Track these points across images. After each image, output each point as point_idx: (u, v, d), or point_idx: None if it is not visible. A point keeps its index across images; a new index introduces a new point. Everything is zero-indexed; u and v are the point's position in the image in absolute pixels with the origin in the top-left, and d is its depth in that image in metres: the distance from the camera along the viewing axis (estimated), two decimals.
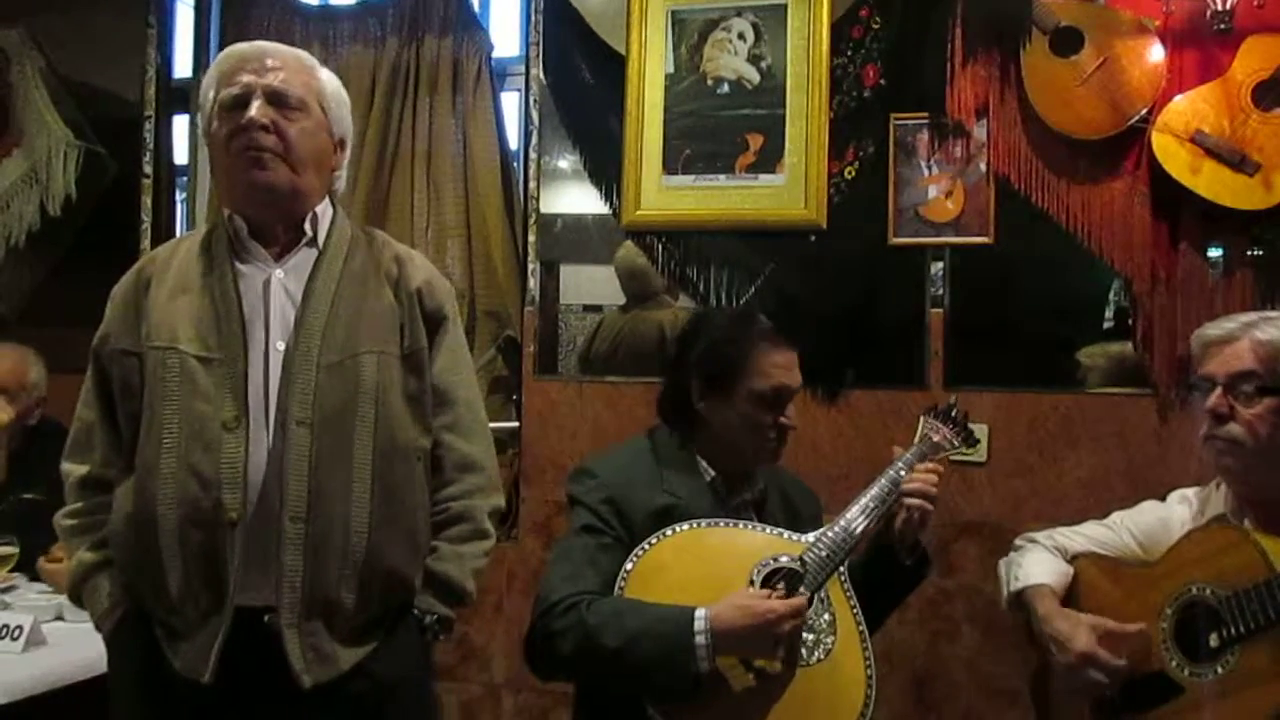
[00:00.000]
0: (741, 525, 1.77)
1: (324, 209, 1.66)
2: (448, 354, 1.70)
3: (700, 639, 1.56)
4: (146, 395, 1.54)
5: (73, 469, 1.63)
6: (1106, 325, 2.59)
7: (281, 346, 1.55)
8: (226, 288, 1.56)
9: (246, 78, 1.58)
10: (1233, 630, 1.55)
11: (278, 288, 1.58)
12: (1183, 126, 2.38)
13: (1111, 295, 2.57)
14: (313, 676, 1.49)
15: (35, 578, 2.40)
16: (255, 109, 1.55)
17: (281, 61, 1.62)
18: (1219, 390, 1.67)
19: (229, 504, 1.47)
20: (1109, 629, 1.66)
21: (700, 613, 1.58)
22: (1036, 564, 1.84)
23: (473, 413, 1.73)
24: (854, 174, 2.71)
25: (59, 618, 2.14)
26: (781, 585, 1.67)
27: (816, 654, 1.65)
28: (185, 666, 1.48)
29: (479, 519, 1.68)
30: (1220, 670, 1.56)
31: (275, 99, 1.58)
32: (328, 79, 1.69)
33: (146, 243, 3.31)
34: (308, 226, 1.63)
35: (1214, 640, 1.58)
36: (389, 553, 1.56)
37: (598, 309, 2.97)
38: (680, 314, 2.81)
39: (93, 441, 1.62)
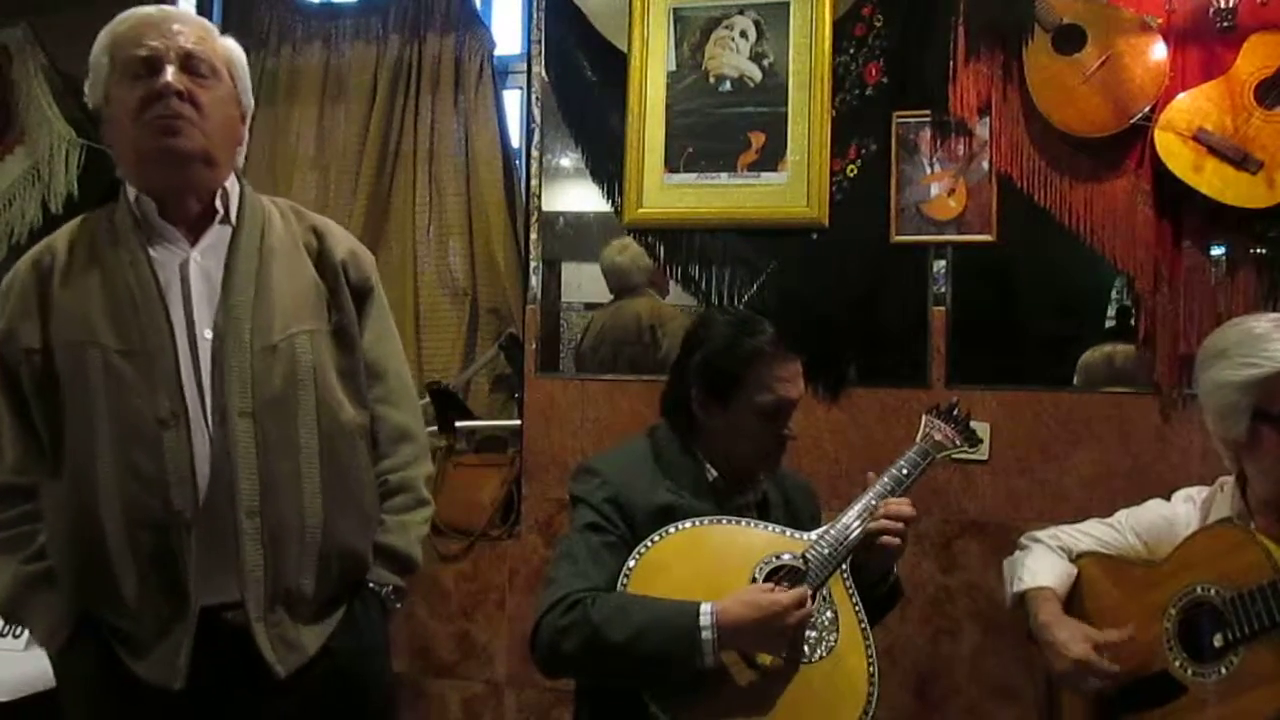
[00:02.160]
0: (743, 523, 1.77)
1: (232, 184, 1.57)
2: (376, 325, 1.66)
3: (706, 633, 1.56)
4: (66, 395, 1.44)
5: None
6: (1109, 324, 2.59)
7: (209, 334, 1.47)
8: (142, 274, 1.46)
9: (154, 41, 1.48)
10: (1237, 631, 1.54)
11: (196, 270, 1.49)
12: (1185, 124, 2.38)
13: (1114, 294, 2.57)
14: (285, 666, 1.47)
15: None
16: (170, 74, 1.46)
17: (188, 25, 1.53)
18: None
19: (177, 504, 1.41)
20: (1105, 641, 1.66)
21: (706, 607, 1.58)
22: (1040, 565, 1.83)
23: (402, 382, 1.70)
24: (856, 172, 2.71)
25: None
26: (784, 583, 1.67)
27: (819, 651, 1.65)
28: (151, 674, 1.43)
29: (418, 488, 1.67)
30: (1224, 671, 1.55)
31: (188, 65, 1.49)
32: (234, 47, 1.61)
33: None
34: (218, 202, 1.54)
35: (1218, 641, 1.57)
36: (344, 533, 1.54)
37: (599, 307, 2.97)
38: (658, 305, 2.82)
39: (1, 448, 1.50)
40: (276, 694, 1.47)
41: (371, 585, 1.60)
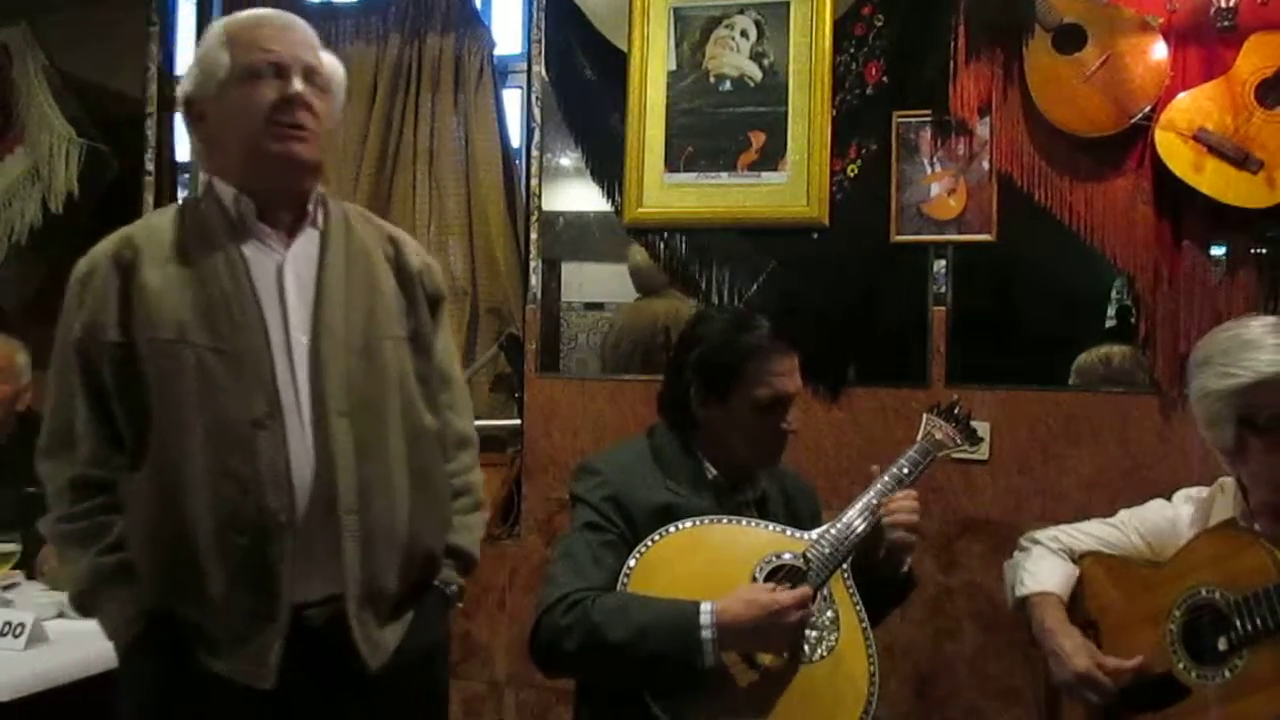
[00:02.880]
0: (744, 522, 1.76)
1: (317, 191, 1.60)
2: (444, 334, 1.70)
3: (706, 632, 1.56)
4: (156, 392, 1.43)
5: (57, 471, 1.49)
6: (1109, 324, 2.59)
7: (304, 337, 1.47)
8: (238, 273, 1.46)
9: (277, 46, 1.49)
10: (1241, 634, 1.53)
11: (290, 273, 1.50)
12: (1186, 124, 2.38)
13: (1114, 293, 2.57)
14: (374, 662, 1.48)
15: (31, 575, 2.39)
16: (298, 85, 1.48)
17: (308, 36, 1.55)
18: None
19: (273, 507, 1.40)
20: (1112, 666, 1.64)
21: (706, 606, 1.58)
22: (1041, 569, 1.82)
23: (463, 391, 1.75)
24: (856, 171, 2.71)
25: (61, 615, 2.14)
26: (785, 582, 1.66)
27: (820, 651, 1.64)
28: (236, 673, 1.41)
29: (478, 492, 1.71)
30: (1228, 674, 1.55)
31: (309, 76, 1.51)
32: (335, 63, 1.64)
33: None
34: (311, 207, 1.55)
35: (1222, 643, 1.56)
36: (425, 535, 1.57)
37: (599, 306, 2.98)
38: (677, 306, 2.82)
39: (75, 440, 1.48)
40: (352, 692, 1.49)
41: (438, 584, 1.63)
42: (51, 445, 1.51)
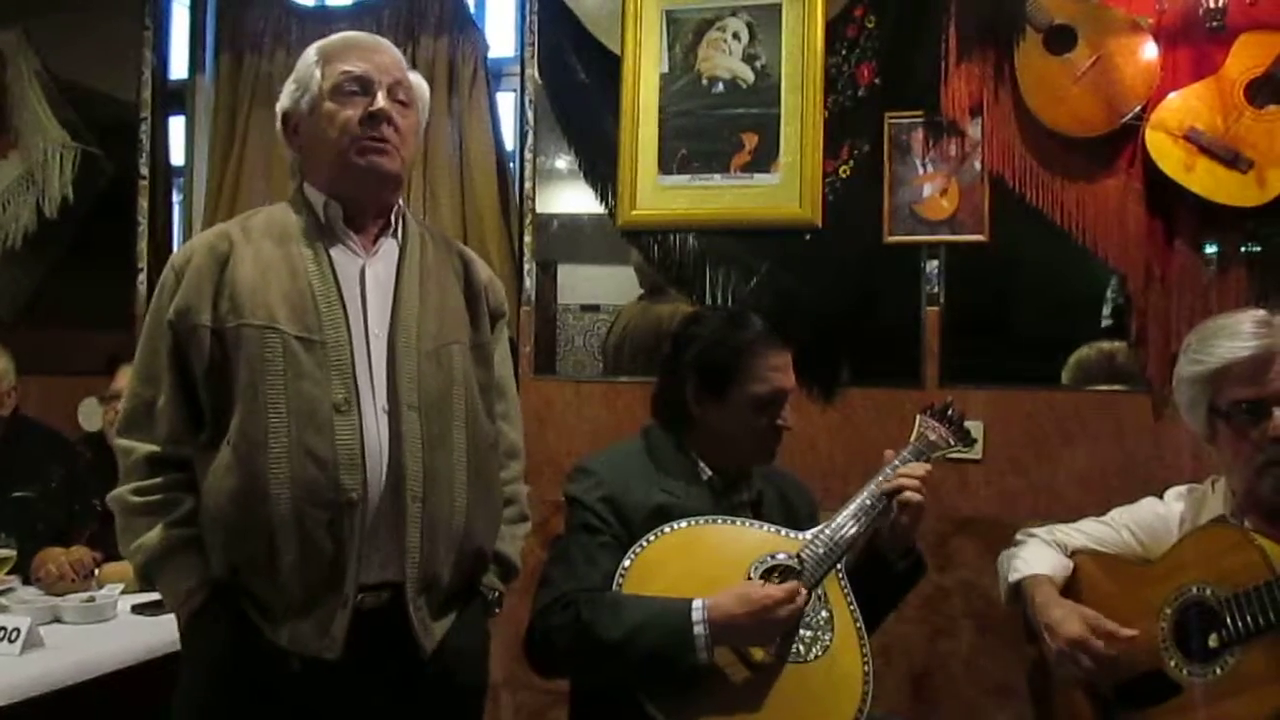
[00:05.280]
0: (738, 523, 1.77)
1: (400, 204, 1.71)
2: (502, 348, 1.79)
3: (699, 628, 1.57)
4: (243, 374, 1.52)
5: (135, 446, 1.58)
6: (1105, 323, 2.59)
7: (380, 333, 1.58)
8: (325, 271, 1.57)
9: (364, 65, 1.60)
10: (1232, 631, 1.54)
11: (371, 276, 1.61)
12: (1176, 124, 2.39)
13: (1110, 293, 2.58)
14: (428, 646, 1.55)
15: (27, 580, 2.39)
16: (383, 100, 1.58)
17: (395, 55, 1.67)
18: None
19: (348, 485, 1.49)
20: (1107, 628, 1.65)
21: (698, 603, 1.59)
22: (1035, 556, 1.84)
23: (516, 404, 1.83)
24: (849, 173, 2.72)
25: (56, 620, 2.14)
26: (779, 582, 1.67)
27: (814, 650, 1.65)
28: (297, 644, 1.49)
29: (523, 502, 1.78)
30: (1219, 671, 1.55)
31: (393, 92, 1.61)
32: (420, 82, 1.73)
33: (143, 244, 3.31)
34: (394, 218, 1.66)
35: (1213, 641, 1.57)
36: (480, 533, 1.63)
37: (595, 308, 2.98)
38: (684, 310, 2.82)
39: (155, 418, 1.57)
40: (406, 676, 1.55)
41: (484, 588, 1.68)
42: (130, 422, 1.60)
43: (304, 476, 1.48)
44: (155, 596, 1.90)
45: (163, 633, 1.96)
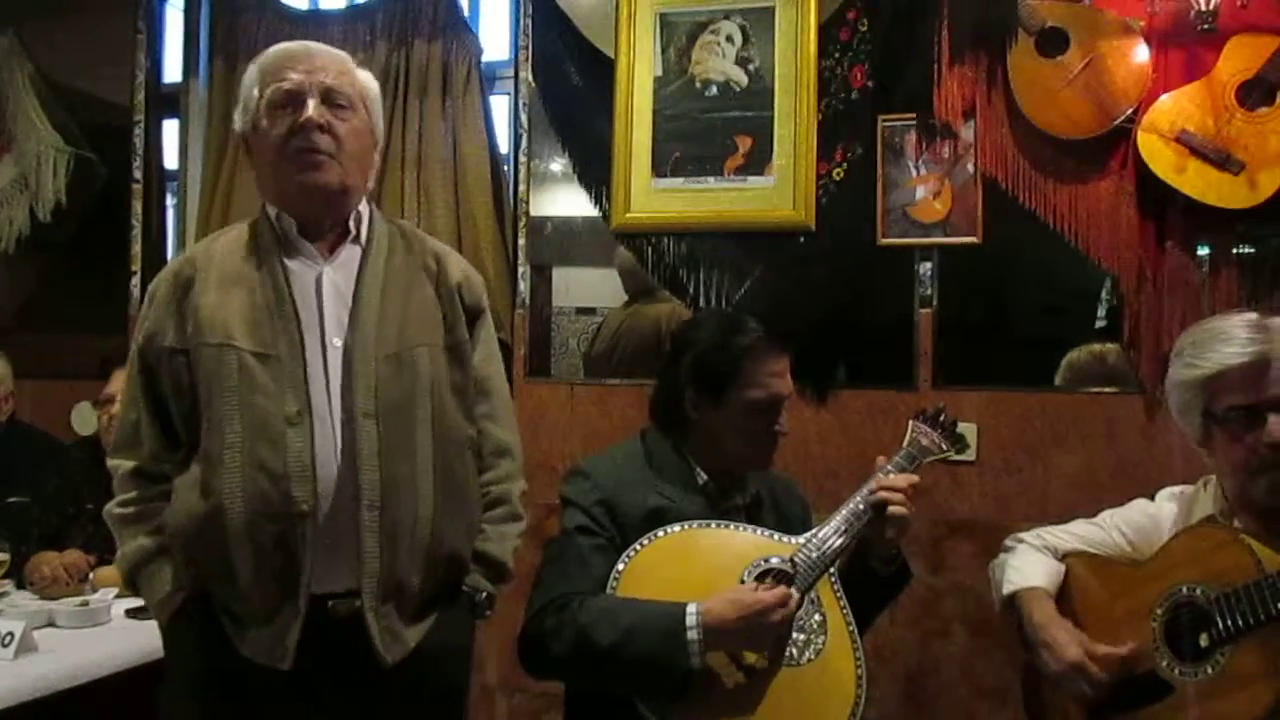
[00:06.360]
0: (732, 527, 1.77)
1: (364, 207, 1.70)
2: (484, 346, 1.77)
3: (691, 633, 1.57)
4: (203, 392, 1.55)
5: (121, 463, 1.63)
6: (1099, 324, 2.60)
7: (338, 342, 1.58)
8: (279, 284, 1.58)
9: (297, 75, 1.59)
10: (1222, 630, 1.54)
11: (329, 284, 1.61)
12: (1168, 126, 2.40)
13: (1104, 294, 2.58)
14: (392, 656, 1.55)
15: (21, 584, 2.39)
16: (312, 108, 1.57)
17: (329, 60, 1.64)
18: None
19: (299, 497, 1.50)
20: (1100, 652, 1.65)
21: (691, 607, 1.59)
22: (1028, 565, 1.83)
23: (504, 401, 1.80)
24: (842, 175, 2.72)
25: (51, 624, 2.14)
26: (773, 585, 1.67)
27: (807, 654, 1.65)
28: (256, 652, 1.51)
29: (514, 502, 1.76)
30: (1210, 670, 1.55)
31: (328, 97, 1.60)
32: (367, 79, 1.72)
33: (137, 248, 3.31)
34: (352, 224, 1.66)
35: (1204, 640, 1.57)
36: (450, 536, 1.62)
37: (590, 311, 2.98)
38: (679, 310, 2.82)
39: (140, 439, 1.62)
40: (370, 684, 1.55)
41: (467, 589, 1.68)
42: (120, 441, 1.66)
43: (256, 490, 1.50)
44: None
45: (157, 637, 1.96)
